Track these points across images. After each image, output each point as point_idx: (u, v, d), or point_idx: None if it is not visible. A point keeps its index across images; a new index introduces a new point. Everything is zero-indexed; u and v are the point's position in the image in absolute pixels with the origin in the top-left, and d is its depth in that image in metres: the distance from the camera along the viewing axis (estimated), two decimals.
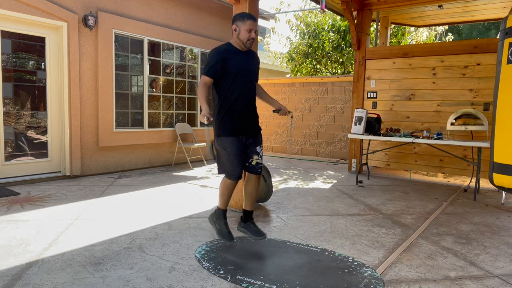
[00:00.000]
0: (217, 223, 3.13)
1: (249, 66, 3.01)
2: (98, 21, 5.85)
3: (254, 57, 3.11)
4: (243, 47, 2.97)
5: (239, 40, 2.95)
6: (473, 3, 6.70)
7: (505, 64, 3.50)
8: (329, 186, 5.73)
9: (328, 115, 9.12)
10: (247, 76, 2.99)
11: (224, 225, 3.11)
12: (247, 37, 2.90)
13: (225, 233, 3.06)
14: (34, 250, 2.92)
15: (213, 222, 3.17)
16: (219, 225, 3.11)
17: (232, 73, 2.89)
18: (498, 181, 3.60)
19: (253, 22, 2.90)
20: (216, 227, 3.12)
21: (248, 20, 2.89)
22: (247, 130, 3.00)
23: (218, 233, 3.09)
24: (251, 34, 2.90)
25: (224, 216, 3.14)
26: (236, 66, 2.90)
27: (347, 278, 2.58)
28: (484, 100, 5.81)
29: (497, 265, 2.89)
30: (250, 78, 3.02)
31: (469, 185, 6.08)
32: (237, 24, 2.94)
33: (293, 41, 11.97)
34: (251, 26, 2.89)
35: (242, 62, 2.95)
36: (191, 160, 7.58)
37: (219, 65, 2.86)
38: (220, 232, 3.08)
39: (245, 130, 2.98)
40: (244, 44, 2.94)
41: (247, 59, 3.01)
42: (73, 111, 5.65)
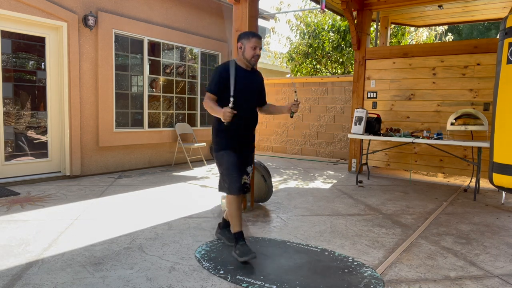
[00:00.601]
0: (237, 248, 2.83)
1: (251, 86, 3.02)
2: (98, 21, 5.85)
3: (258, 77, 3.12)
4: (247, 65, 2.99)
5: (244, 58, 2.97)
6: (473, 3, 6.70)
7: (505, 64, 3.50)
8: (329, 186, 5.73)
9: (328, 115, 9.12)
10: (249, 95, 2.99)
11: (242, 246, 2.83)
12: (252, 54, 2.93)
13: (247, 251, 2.79)
14: (34, 250, 2.92)
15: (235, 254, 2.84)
16: (239, 250, 2.81)
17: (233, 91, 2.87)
18: (498, 181, 3.60)
19: (258, 40, 2.95)
20: (237, 253, 2.82)
21: (253, 37, 2.94)
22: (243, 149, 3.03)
23: (241, 255, 2.78)
24: (256, 51, 2.94)
25: (243, 238, 2.89)
26: (238, 85, 2.90)
27: (347, 278, 2.58)
28: (484, 100, 5.81)
29: (497, 265, 2.89)
30: (251, 97, 3.03)
31: (469, 185, 6.08)
32: (242, 42, 2.96)
33: (293, 41, 11.97)
34: (256, 44, 2.93)
35: (244, 82, 2.96)
36: (191, 160, 7.58)
37: (221, 83, 2.89)
38: (243, 254, 2.78)
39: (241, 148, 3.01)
40: (249, 61, 2.96)
41: (250, 79, 3.03)
42: (73, 111, 5.65)
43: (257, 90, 3.10)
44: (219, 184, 3.03)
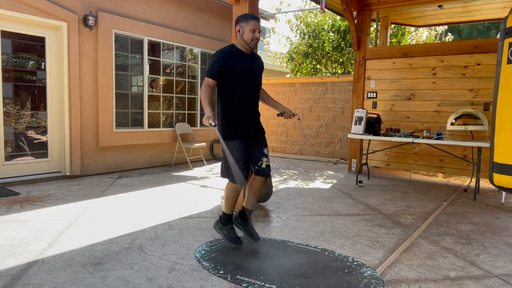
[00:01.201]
0: (223, 229, 3.08)
1: (252, 69, 2.99)
2: (98, 21, 5.85)
3: (258, 60, 3.09)
4: (247, 48, 2.96)
5: (243, 41, 2.93)
6: (473, 3, 6.70)
7: (505, 64, 3.50)
8: (329, 186, 5.73)
9: (328, 115, 9.12)
10: (251, 79, 2.97)
11: (231, 229, 3.08)
12: (251, 37, 2.89)
13: (233, 238, 3.04)
14: (34, 250, 2.92)
15: (219, 229, 3.11)
16: (226, 231, 3.07)
17: (235, 75, 2.87)
18: (498, 181, 3.60)
19: (256, 22, 2.91)
20: (224, 233, 3.07)
21: (251, 20, 2.90)
22: (252, 132, 2.99)
23: (226, 238, 3.05)
24: (255, 34, 2.90)
25: (231, 221, 3.11)
26: (240, 68, 2.89)
27: (347, 278, 2.58)
28: (484, 100, 5.81)
29: (497, 265, 2.89)
30: (253, 81, 3.01)
31: (469, 185, 6.08)
32: (240, 25, 2.93)
33: (293, 41, 11.97)
34: (254, 26, 2.89)
35: (245, 65, 2.94)
36: (191, 160, 7.58)
37: (222, 67, 2.84)
38: (228, 237, 3.04)
39: (250, 133, 2.97)
40: (249, 45, 2.93)
41: (251, 62, 2.99)
42: (73, 111, 5.65)
43: (257, 73, 3.06)
44: (222, 169, 3.02)
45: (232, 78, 2.88)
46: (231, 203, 3.04)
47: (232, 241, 3.04)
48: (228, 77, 2.87)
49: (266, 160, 3.02)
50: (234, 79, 2.88)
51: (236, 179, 2.91)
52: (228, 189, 3.00)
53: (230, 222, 3.10)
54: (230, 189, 2.99)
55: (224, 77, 2.87)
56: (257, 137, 3.03)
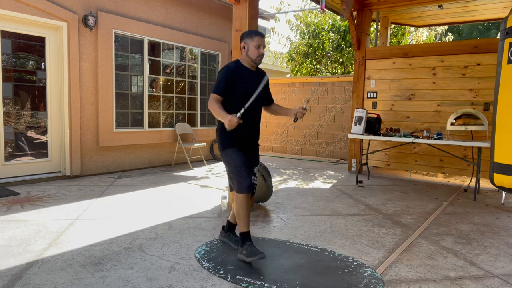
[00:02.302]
0: (244, 249, 2.80)
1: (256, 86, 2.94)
2: (98, 21, 5.85)
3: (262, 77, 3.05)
4: (252, 65, 2.96)
5: (248, 58, 2.93)
6: (473, 3, 6.70)
7: (505, 64, 3.50)
8: (329, 186, 5.73)
9: (328, 115, 9.12)
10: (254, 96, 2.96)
11: (250, 246, 2.80)
12: (256, 53, 2.89)
13: (255, 252, 2.74)
14: (34, 250, 2.92)
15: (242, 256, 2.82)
16: (246, 250, 2.78)
17: (238, 92, 2.86)
18: (499, 181, 3.60)
19: (261, 38, 2.91)
20: (244, 254, 2.78)
21: (256, 36, 2.90)
22: (249, 148, 3.00)
23: (248, 255, 2.74)
24: (260, 50, 2.90)
25: (249, 238, 2.86)
26: (244, 86, 2.88)
27: (347, 278, 2.58)
28: (484, 100, 5.81)
29: (497, 265, 2.89)
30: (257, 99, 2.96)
31: (469, 185, 6.08)
32: (245, 42, 2.92)
33: (293, 41, 11.97)
34: (259, 42, 2.89)
35: (249, 82, 2.92)
36: (191, 160, 7.58)
37: (228, 84, 2.85)
38: (250, 254, 2.74)
39: (247, 148, 2.98)
40: (254, 61, 2.92)
41: (255, 79, 2.98)
42: (73, 111, 5.65)
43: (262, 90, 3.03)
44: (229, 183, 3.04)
45: (235, 95, 2.86)
46: (244, 219, 2.83)
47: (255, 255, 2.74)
48: (232, 94, 2.86)
49: (253, 178, 2.99)
50: (237, 95, 2.87)
51: (241, 187, 2.81)
52: (236, 205, 2.85)
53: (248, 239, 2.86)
54: (238, 203, 2.84)
55: (229, 94, 2.86)
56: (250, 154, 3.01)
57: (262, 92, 3.07)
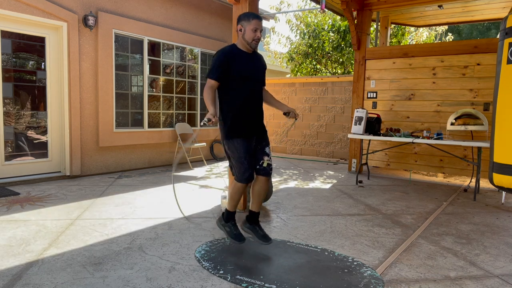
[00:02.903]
0: (226, 226, 3.09)
1: (254, 69, 2.96)
2: (98, 21, 5.86)
3: (259, 60, 3.05)
4: (248, 48, 2.93)
5: (244, 41, 2.90)
6: (473, 3, 6.70)
7: (505, 64, 3.50)
8: (329, 186, 5.73)
9: (328, 115, 9.12)
10: (253, 79, 2.94)
11: (233, 226, 3.08)
12: (252, 36, 2.86)
13: (236, 234, 3.04)
14: (34, 250, 2.92)
15: (222, 226, 3.13)
16: (229, 228, 3.08)
17: (237, 76, 2.85)
18: (498, 181, 3.60)
19: (258, 21, 2.86)
20: (226, 230, 3.09)
21: (253, 19, 2.85)
22: (254, 132, 2.97)
23: (229, 235, 3.06)
24: (257, 33, 2.86)
25: (233, 218, 3.12)
26: (241, 69, 2.86)
27: (346, 278, 2.58)
28: (484, 100, 5.81)
29: (497, 265, 2.89)
30: (255, 81, 2.97)
31: (469, 185, 6.08)
32: (242, 24, 2.89)
33: (293, 41, 11.97)
34: (256, 26, 2.85)
35: (247, 65, 2.90)
36: (191, 160, 7.58)
37: (223, 68, 2.82)
38: (231, 234, 3.05)
39: (252, 132, 2.96)
40: (250, 44, 2.89)
41: (253, 62, 2.96)
42: (73, 111, 5.66)
43: (259, 73, 3.03)
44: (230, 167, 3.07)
45: (233, 79, 2.86)
46: (235, 201, 3.04)
47: (235, 238, 3.02)
48: (229, 78, 2.85)
49: (267, 159, 3.00)
50: (235, 80, 2.86)
51: (241, 178, 2.91)
52: (232, 187, 3.00)
53: (233, 219, 3.11)
54: (234, 188, 2.98)
55: (226, 78, 2.84)
56: (258, 137, 3.01)
57: (261, 73, 3.05)
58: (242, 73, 2.87)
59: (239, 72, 2.86)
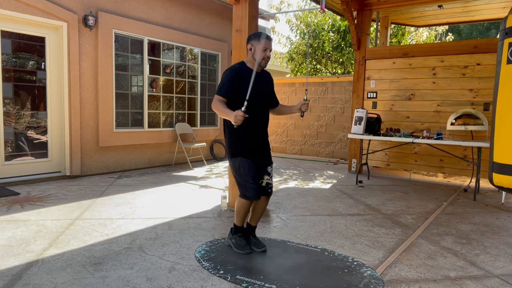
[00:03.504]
0: (232, 237, 3.10)
1: (261, 88, 2.97)
2: (98, 21, 5.85)
3: (268, 79, 3.09)
4: (258, 67, 2.94)
5: (254, 60, 2.93)
6: (473, 3, 6.70)
7: (505, 64, 3.50)
8: (329, 186, 5.73)
9: (328, 115, 9.12)
10: (260, 99, 2.95)
11: (239, 238, 3.07)
12: (262, 56, 2.88)
13: (241, 245, 3.02)
14: (34, 250, 2.92)
15: (229, 240, 3.13)
16: (234, 239, 3.07)
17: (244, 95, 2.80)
18: (498, 181, 3.60)
19: (268, 41, 2.90)
20: (232, 242, 3.08)
21: (263, 39, 2.88)
22: (259, 152, 2.99)
23: (235, 246, 3.03)
24: (266, 53, 2.89)
25: (241, 231, 3.10)
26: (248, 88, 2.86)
27: (346, 278, 2.58)
28: (484, 100, 5.81)
29: (497, 265, 2.89)
30: (263, 101, 2.99)
31: (469, 185, 6.08)
32: (252, 44, 2.92)
33: (293, 41, 11.97)
34: (266, 45, 2.88)
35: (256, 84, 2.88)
36: (191, 160, 7.58)
37: (233, 86, 2.84)
38: (237, 246, 3.03)
39: (257, 152, 2.97)
40: (260, 64, 2.91)
41: (261, 81, 2.98)
42: (73, 111, 5.65)
43: (268, 92, 3.07)
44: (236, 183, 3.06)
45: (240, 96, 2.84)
46: (242, 216, 3.02)
47: (241, 248, 3.02)
48: (236, 96, 2.85)
49: (267, 178, 3.01)
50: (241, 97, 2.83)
51: (246, 196, 2.90)
52: (238, 203, 2.99)
53: (240, 231, 3.10)
54: (239, 203, 2.98)
55: (233, 95, 2.85)
56: (262, 155, 3.02)
57: (269, 93, 3.08)
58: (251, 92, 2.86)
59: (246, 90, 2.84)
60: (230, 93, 2.84)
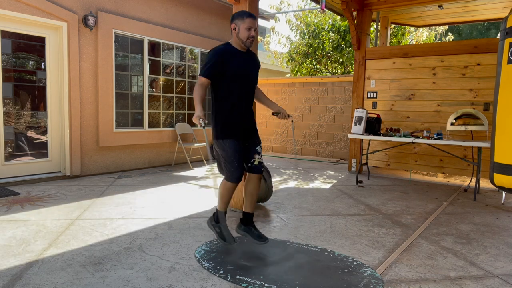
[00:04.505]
0: (216, 226, 3.05)
1: (248, 68, 2.94)
2: (98, 21, 5.85)
3: (254, 59, 3.04)
4: (243, 47, 2.91)
5: (238, 39, 2.88)
6: (473, 3, 6.70)
7: (505, 64, 3.50)
8: (329, 186, 5.73)
9: (328, 115, 9.12)
10: (246, 78, 2.92)
11: (224, 227, 3.04)
12: (246, 35, 2.83)
13: (226, 235, 2.99)
14: (34, 250, 2.92)
15: (212, 226, 3.09)
16: (219, 228, 3.03)
17: (230, 75, 2.82)
18: (499, 181, 3.60)
19: (253, 20, 2.84)
20: (216, 230, 3.03)
21: (247, 18, 2.83)
22: (245, 132, 2.97)
23: (219, 236, 3.00)
24: (251, 32, 2.84)
25: (224, 219, 3.08)
26: (235, 68, 2.84)
27: (346, 278, 2.58)
28: (484, 100, 5.81)
29: (497, 265, 2.89)
30: (249, 81, 2.95)
31: (469, 185, 6.08)
32: (236, 23, 2.87)
33: (293, 41, 11.97)
34: (250, 24, 2.82)
35: (241, 64, 2.88)
36: (191, 160, 7.58)
37: (216, 66, 2.80)
38: (221, 235, 2.99)
39: (243, 132, 2.95)
40: (244, 43, 2.87)
41: (247, 61, 2.94)
42: (73, 111, 5.65)
43: (253, 72, 3.01)
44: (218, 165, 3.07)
45: (226, 78, 2.83)
46: (225, 201, 3.01)
47: (225, 238, 2.97)
48: (222, 76, 2.82)
49: (258, 157, 2.99)
50: (228, 79, 2.83)
51: (231, 177, 2.91)
52: (222, 187, 2.99)
53: (223, 219, 3.08)
54: (224, 187, 2.97)
55: (218, 76, 2.82)
56: (250, 136, 3.01)
57: (253, 73, 3.03)
58: (235, 72, 2.84)
59: (232, 71, 2.83)
60: (214, 74, 2.81)
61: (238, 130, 2.91)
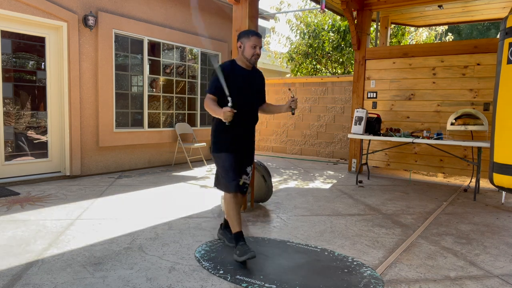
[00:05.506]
0: (238, 249, 2.78)
1: (251, 86, 2.98)
2: (98, 21, 5.85)
3: (258, 77, 3.08)
4: (248, 64, 2.95)
5: (243, 57, 2.93)
6: (473, 3, 6.70)
7: (505, 64, 3.50)
8: (329, 186, 5.73)
9: (328, 115, 9.12)
10: (248, 95, 2.95)
11: (242, 246, 2.78)
12: (251, 53, 2.89)
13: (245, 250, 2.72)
14: (34, 250, 2.92)
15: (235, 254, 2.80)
16: (238, 250, 2.77)
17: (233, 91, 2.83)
18: (498, 181, 3.60)
19: (258, 38, 2.91)
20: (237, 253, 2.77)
21: (252, 36, 2.90)
22: (242, 149, 2.99)
23: (240, 255, 2.73)
24: (256, 50, 2.90)
25: (242, 238, 2.85)
26: (237, 85, 2.88)
27: (346, 278, 2.58)
28: (484, 100, 5.81)
29: (497, 265, 2.89)
30: (251, 98, 2.99)
31: (469, 185, 6.08)
32: (242, 41, 2.93)
33: (293, 41, 11.97)
34: (255, 42, 2.89)
35: (244, 81, 2.92)
36: (191, 160, 7.58)
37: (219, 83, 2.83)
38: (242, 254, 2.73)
39: (241, 149, 2.98)
40: (249, 61, 2.92)
41: (250, 78, 2.98)
42: (73, 111, 5.65)
43: (257, 89, 3.06)
44: (215, 179, 3.05)
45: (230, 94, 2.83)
46: (235, 219, 2.86)
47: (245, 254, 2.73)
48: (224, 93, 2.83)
49: (245, 177, 3.00)
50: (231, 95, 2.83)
51: (229, 187, 2.87)
52: (226, 205, 2.90)
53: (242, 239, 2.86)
54: (227, 203, 2.88)
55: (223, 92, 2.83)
56: (246, 154, 3.02)
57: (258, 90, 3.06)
58: (238, 89, 2.87)
59: (235, 88, 2.85)
60: (219, 91, 2.84)
61: (235, 146, 2.94)
